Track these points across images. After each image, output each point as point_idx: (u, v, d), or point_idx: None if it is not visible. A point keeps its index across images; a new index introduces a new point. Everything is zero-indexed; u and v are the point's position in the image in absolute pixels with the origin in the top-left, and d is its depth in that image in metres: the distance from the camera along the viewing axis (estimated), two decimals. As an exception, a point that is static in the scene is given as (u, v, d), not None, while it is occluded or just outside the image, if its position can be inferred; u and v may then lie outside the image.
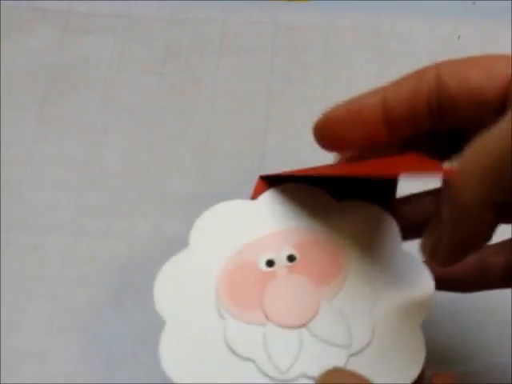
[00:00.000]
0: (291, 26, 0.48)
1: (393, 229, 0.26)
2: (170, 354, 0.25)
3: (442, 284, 0.26)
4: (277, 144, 0.43)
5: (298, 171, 0.28)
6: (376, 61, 0.46)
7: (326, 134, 0.26)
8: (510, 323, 0.37)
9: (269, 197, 0.27)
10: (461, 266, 0.28)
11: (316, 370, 0.24)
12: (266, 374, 0.24)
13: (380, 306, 0.25)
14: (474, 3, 0.48)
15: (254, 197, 0.28)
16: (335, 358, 0.24)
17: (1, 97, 0.45)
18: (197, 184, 0.42)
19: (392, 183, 0.27)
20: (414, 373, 0.24)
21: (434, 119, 0.25)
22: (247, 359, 0.24)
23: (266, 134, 0.44)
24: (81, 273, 0.39)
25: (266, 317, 0.25)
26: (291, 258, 0.26)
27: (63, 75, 0.46)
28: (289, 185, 0.28)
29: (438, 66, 0.24)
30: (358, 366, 0.24)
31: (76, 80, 0.46)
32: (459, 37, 0.46)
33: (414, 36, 0.47)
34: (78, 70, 0.46)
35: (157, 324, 0.38)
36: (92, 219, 0.41)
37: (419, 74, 0.25)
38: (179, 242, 0.27)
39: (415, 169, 0.23)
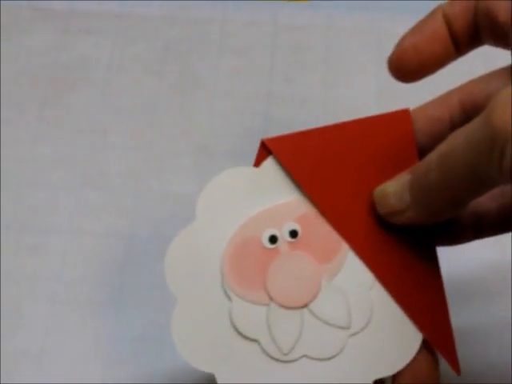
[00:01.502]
0: (291, 26, 0.48)
1: None
2: (181, 332, 0.25)
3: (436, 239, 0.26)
4: (277, 144, 0.43)
5: (301, 132, 0.27)
6: (376, 61, 0.46)
7: (402, 64, 0.27)
8: (510, 323, 0.37)
9: (270, 164, 0.27)
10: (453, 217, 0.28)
11: (316, 351, 0.24)
12: (269, 355, 0.25)
13: (378, 285, 0.25)
14: (473, 3, 0.48)
15: (257, 164, 0.27)
16: (335, 339, 0.25)
17: (1, 97, 0.45)
18: (197, 184, 0.42)
19: None
20: (411, 353, 0.24)
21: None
22: (252, 340, 0.25)
23: (265, 134, 0.43)
24: (81, 273, 0.39)
25: (269, 297, 0.25)
26: (294, 234, 0.26)
27: (63, 75, 0.46)
28: None
29: None
30: (357, 347, 0.25)
31: (76, 80, 0.46)
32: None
33: None
34: (78, 70, 0.46)
35: (157, 324, 0.38)
36: (92, 219, 0.41)
37: None
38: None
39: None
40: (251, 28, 0.48)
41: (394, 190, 0.24)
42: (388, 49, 0.27)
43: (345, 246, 0.26)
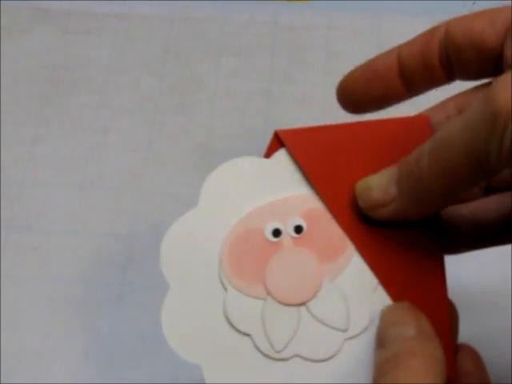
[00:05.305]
0: (291, 26, 0.48)
1: None
2: (170, 320, 0.25)
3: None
4: (277, 144, 0.43)
5: (315, 127, 0.27)
6: (376, 61, 0.46)
7: (347, 95, 0.27)
8: (510, 323, 0.37)
9: (281, 156, 0.26)
10: (453, 225, 0.28)
11: (310, 352, 0.24)
12: (261, 351, 0.24)
13: (381, 290, 0.25)
14: (473, 3, 0.48)
15: (268, 155, 0.27)
16: (331, 341, 0.24)
17: (1, 97, 0.45)
18: (197, 184, 0.42)
19: None
20: None
21: (446, 71, 0.26)
22: (244, 334, 0.24)
23: (265, 133, 0.43)
24: (81, 273, 0.39)
25: (267, 291, 0.24)
26: (298, 229, 0.25)
27: (63, 75, 0.46)
28: None
29: (448, 21, 0.26)
30: (353, 351, 0.24)
31: (76, 80, 0.46)
32: (459, 37, 0.46)
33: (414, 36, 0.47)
34: (78, 70, 0.46)
35: (157, 324, 0.38)
36: (92, 219, 0.41)
37: (431, 30, 0.26)
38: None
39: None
40: (251, 28, 0.48)
41: (379, 183, 0.24)
42: (388, 49, 0.27)
43: (350, 247, 0.25)
